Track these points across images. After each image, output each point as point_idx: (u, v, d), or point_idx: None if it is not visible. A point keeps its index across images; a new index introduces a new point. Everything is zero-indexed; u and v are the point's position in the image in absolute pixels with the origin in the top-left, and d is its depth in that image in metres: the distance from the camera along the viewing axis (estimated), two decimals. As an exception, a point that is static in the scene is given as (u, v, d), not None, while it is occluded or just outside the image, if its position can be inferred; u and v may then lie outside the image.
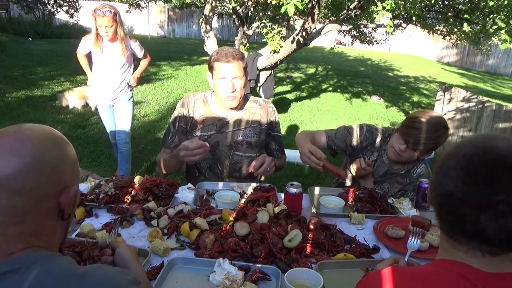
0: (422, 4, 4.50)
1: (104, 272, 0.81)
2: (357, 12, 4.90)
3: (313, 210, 1.74)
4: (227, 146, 2.06)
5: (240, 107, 2.07)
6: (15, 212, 0.77)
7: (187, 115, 2.06)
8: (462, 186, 0.77)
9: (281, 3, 3.62)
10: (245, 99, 2.10)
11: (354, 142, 2.11)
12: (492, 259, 0.77)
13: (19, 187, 0.76)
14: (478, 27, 4.61)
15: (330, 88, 10.01)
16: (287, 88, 9.54)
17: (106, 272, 0.81)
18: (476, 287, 0.75)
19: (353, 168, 2.02)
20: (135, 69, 3.87)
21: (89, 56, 3.73)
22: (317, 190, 1.95)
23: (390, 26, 3.64)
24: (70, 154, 0.86)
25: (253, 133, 2.09)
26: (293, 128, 6.44)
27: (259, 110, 2.11)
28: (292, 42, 4.69)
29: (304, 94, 9.09)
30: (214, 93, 2.06)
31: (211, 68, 1.98)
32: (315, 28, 4.52)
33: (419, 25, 5.92)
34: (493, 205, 0.74)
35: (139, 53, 3.81)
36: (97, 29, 3.37)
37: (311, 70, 12.31)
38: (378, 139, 2.09)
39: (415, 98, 9.66)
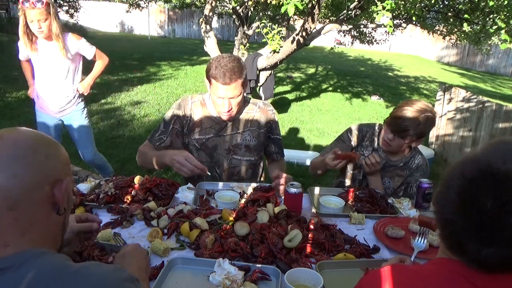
0: (422, 4, 4.50)
1: (98, 269, 0.80)
2: (357, 12, 4.90)
3: (313, 210, 1.74)
4: (225, 150, 2.04)
5: (242, 109, 2.04)
6: (10, 195, 0.78)
7: (183, 117, 2.03)
8: (465, 218, 0.73)
9: (281, 3, 3.62)
10: (244, 101, 2.07)
11: (353, 144, 2.15)
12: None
13: (15, 171, 0.79)
14: (478, 27, 4.62)
15: (330, 88, 10.01)
16: (287, 88, 9.54)
17: (101, 269, 0.81)
18: (475, 286, 0.75)
19: (366, 163, 1.99)
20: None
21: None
22: (317, 190, 1.95)
23: (390, 26, 3.64)
24: (61, 152, 0.90)
25: (252, 137, 2.07)
26: (293, 128, 6.44)
27: (258, 113, 2.09)
28: (292, 42, 4.69)
29: (304, 94, 9.09)
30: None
31: (208, 79, 1.90)
32: (315, 28, 4.52)
33: (419, 25, 5.92)
34: (499, 242, 0.71)
35: (88, 54, 3.09)
36: (26, 26, 2.74)
37: (311, 70, 12.31)
38: (368, 134, 2.13)
39: (415, 98, 9.67)
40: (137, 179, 1.85)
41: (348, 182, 2.20)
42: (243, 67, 1.90)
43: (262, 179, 2.25)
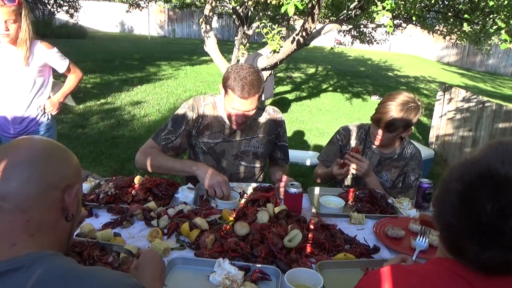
0: (422, 4, 4.50)
1: (105, 274, 0.81)
2: (357, 12, 4.90)
3: (313, 210, 1.74)
4: (233, 156, 2.02)
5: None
6: (23, 198, 0.82)
7: (195, 120, 1.99)
8: (465, 222, 0.73)
9: (281, 3, 3.62)
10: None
11: (341, 143, 2.20)
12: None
13: (29, 174, 0.83)
14: (478, 27, 4.61)
15: (330, 88, 10.01)
16: (287, 88, 9.54)
17: (108, 274, 0.82)
18: (473, 286, 0.75)
19: (355, 169, 1.98)
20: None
21: None
22: (317, 190, 1.94)
23: (390, 26, 3.63)
24: (73, 160, 0.94)
25: (260, 144, 2.05)
26: (293, 128, 6.44)
27: (268, 119, 2.06)
28: (292, 42, 4.69)
29: (304, 94, 9.09)
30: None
31: (225, 88, 1.85)
32: (315, 28, 4.52)
33: (419, 25, 5.92)
34: (499, 245, 0.70)
35: (60, 66, 2.59)
36: None
37: (311, 70, 12.31)
38: (356, 133, 2.18)
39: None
40: (137, 179, 1.85)
41: (348, 182, 2.21)
42: (262, 80, 1.84)
43: (263, 180, 2.25)
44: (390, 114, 1.91)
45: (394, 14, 4.05)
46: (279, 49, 4.82)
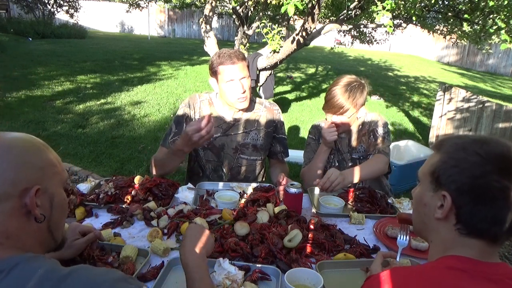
0: (422, 4, 4.50)
1: (89, 272, 0.80)
2: (357, 12, 4.90)
3: (313, 210, 1.74)
4: (232, 149, 2.04)
5: (248, 108, 2.04)
6: None
7: (193, 116, 2.03)
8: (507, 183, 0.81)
9: (281, 3, 3.62)
10: (251, 101, 2.07)
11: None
12: (491, 249, 0.84)
13: None
14: (478, 27, 4.62)
15: (330, 88, 10.00)
16: (287, 88, 9.54)
17: (91, 271, 0.81)
18: (469, 273, 0.80)
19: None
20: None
21: None
22: (317, 190, 1.94)
23: (390, 26, 3.63)
24: (38, 158, 0.86)
25: (259, 136, 2.07)
26: (293, 128, 6.44)
27: (264, 112, 2.09)
28: (292, 42, 4.69)
29: (304, 94, 9.09)
30: (219, 95, 2.03)
31: (214, 73, 1.92)
32: (315, 28, 4.52)
33: (419, 25, 5.92)
34: None
35: None
36: None
37: (311, 70, 12.31)
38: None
39: (415, 98, 9.66)
40: (137, 179, 1.85)
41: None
42: (244, 54, 1.97)
43: (263, 179, 2.26)
44: (337, 98, 1.96)
45: (394, 14, 4.06)
46: (279, 49, 4.83)
